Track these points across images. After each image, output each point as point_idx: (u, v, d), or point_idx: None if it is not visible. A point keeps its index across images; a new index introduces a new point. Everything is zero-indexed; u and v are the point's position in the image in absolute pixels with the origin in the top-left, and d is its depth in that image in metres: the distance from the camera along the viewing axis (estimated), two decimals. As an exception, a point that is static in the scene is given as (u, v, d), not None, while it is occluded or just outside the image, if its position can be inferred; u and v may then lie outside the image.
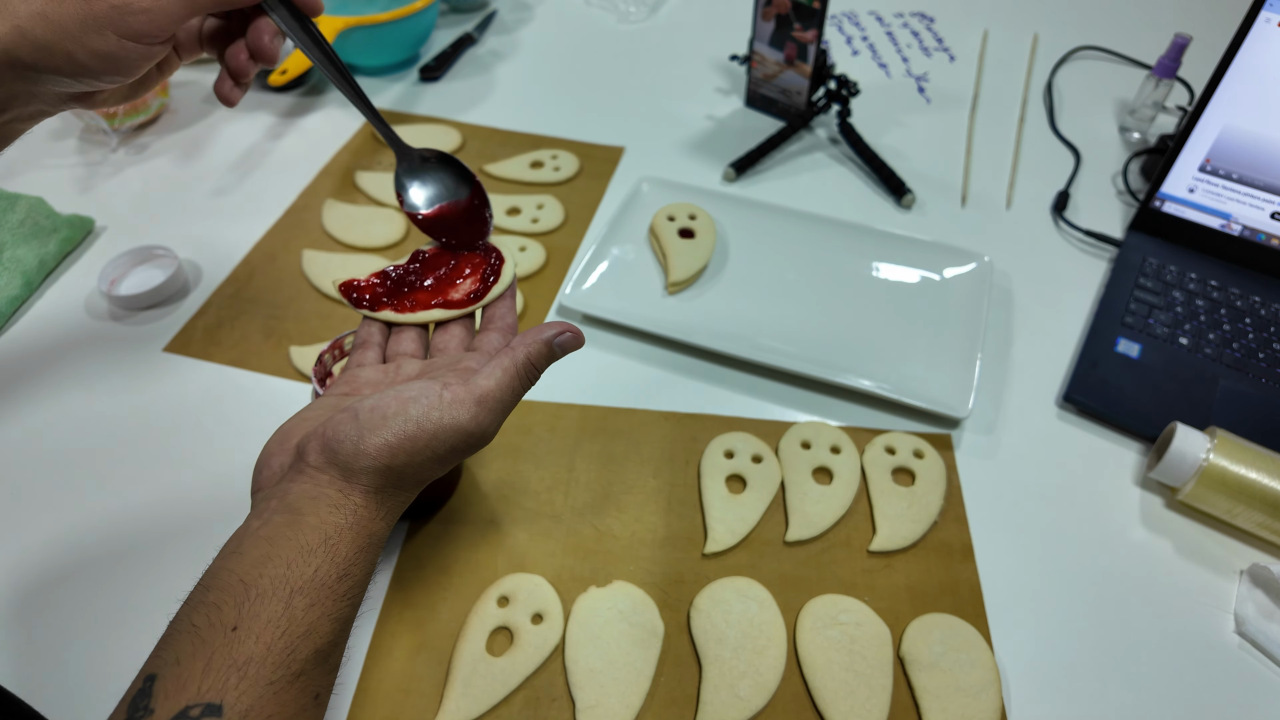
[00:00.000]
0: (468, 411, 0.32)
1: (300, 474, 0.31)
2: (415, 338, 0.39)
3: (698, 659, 0.45)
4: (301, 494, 0.30)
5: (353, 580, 0.29)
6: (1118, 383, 0.58)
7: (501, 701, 0.43)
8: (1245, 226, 0.66)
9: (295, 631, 0.27)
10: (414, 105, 0.86)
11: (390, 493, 0.32)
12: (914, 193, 0.75)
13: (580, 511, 0.51)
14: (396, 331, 0.39)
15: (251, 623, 0.26)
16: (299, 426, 0.33)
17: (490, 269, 0.39)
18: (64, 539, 0.49)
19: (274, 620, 0.27)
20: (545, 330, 0.35)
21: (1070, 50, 0.96)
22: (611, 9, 1.03)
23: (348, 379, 0.37)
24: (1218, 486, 0.49)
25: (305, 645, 0.27)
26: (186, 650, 0.26)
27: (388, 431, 0.31)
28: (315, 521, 0.29)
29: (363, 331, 0.39)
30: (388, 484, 0.31)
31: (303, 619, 0.27)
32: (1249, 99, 0.63)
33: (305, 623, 0.27)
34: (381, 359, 0.39)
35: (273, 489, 0.32)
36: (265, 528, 0.29)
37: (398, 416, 0.31)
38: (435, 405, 0.31)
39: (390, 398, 0.32)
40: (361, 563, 0.30)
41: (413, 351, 0.39)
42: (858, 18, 1.02)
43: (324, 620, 0.28)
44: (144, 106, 0.79)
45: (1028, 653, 0.46)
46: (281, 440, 0.33)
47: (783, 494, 0.52)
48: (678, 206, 0.70)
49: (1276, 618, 0.47)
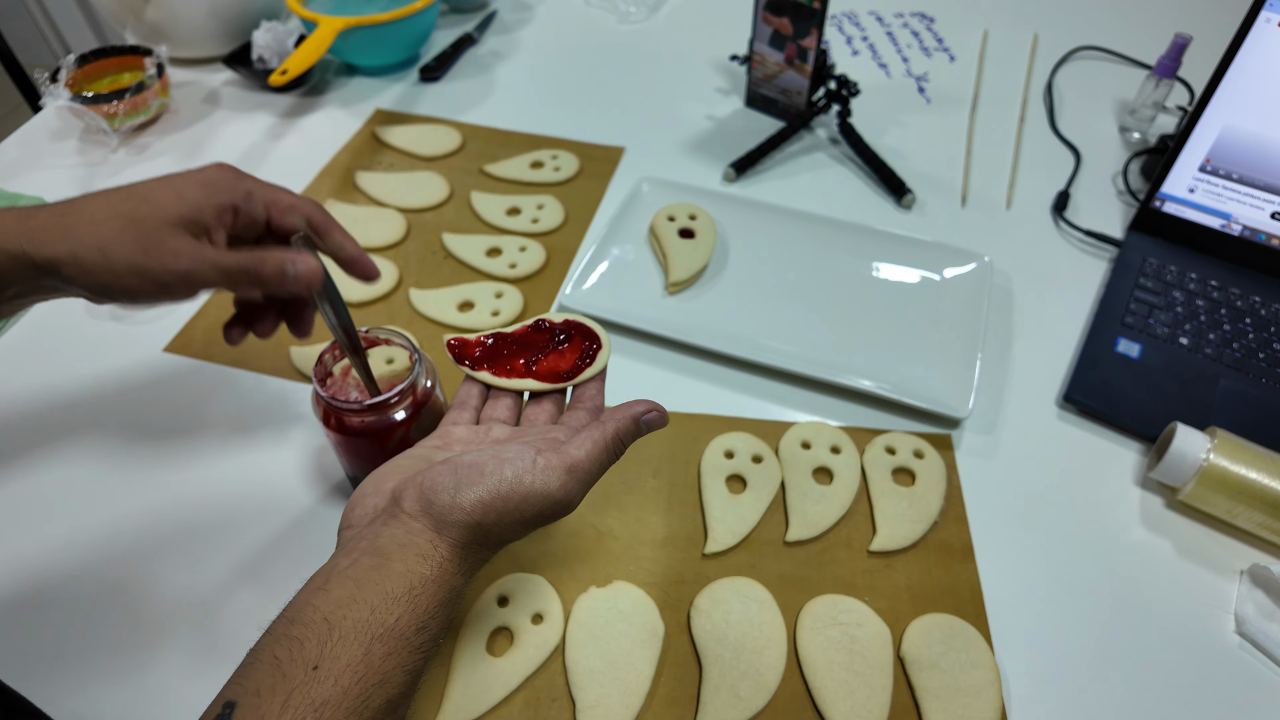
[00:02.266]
0: (558, 479, 0.33)
1: (394, 518, 0.32)
2: (510, 405, 0.41)
3: (698, 659, 0.45)
4: (392, 539, 0.31)
5: (429, 634, 0.30)
6: (1118, 383, 0.58)
7: (502, 701, 0.43)
8: (1245, 226, 0.66)
9: (371, 679, 0.27)
10: (414, 105, 0.86)
11: (474, 549, 0.33)
12: (914, 193, 0.75)
13: (580, 511, 0.51)
14: (494, 397, 0.41)
15: (332, 664, 0.27)
16: (394, 473, 0.35)
17: (587, 350, 0.41)
18: (64, 539, 0.49)
19: (353, 665, 0.27)
20: (634, 407, 0.37)
21: (1070, 50, 0.96)
22: (611, 9, 1.03)
23: (441, 434, 0.39)
24: (1218, 486, 0.49)
25: (379, 694, 0.28)
26: (267, 683, 0.27)
27: (483, 488, 0.32)
28: (402, 569, 0.30)
29: (462, 392, 0.41)
30: (474, 540, 0.32)
31: (379, 667, 0.28)
32: (1249, 99, 0.63)
33: (381, 671, 0.28)
34: (475, 420, 0.41)
35: (363, 529, 0.33)
36: (353, 568, 0.30)
37: (494, 475, 0.33)
38: (529, 469, 0.33)
39: (488, 456, 0.33)
40: (440, 617, 0.31)
41: (505, 418, 0.41)
42: (858, 18, 1.02)
43: (398, 671, 0.28)
44: (144, 106, 0.79)
45: (1028, 653, 0.46)
46: (377, 483, 0.35)
47: (783, 494, 0.52)
48: (678, 206, 0.70)
49: (1277, 618, 0.47)
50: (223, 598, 0.47)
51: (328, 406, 0.44)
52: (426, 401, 0.46)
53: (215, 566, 0.48)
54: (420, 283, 0.66)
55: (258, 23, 0.88)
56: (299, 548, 0.49)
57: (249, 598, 0.47)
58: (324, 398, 0.44)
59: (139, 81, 0.77)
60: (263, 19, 0.88)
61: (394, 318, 0.64)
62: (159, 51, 0.81)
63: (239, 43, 0.88)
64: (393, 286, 0.65)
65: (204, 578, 0.48)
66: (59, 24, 2.00)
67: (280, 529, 0.50)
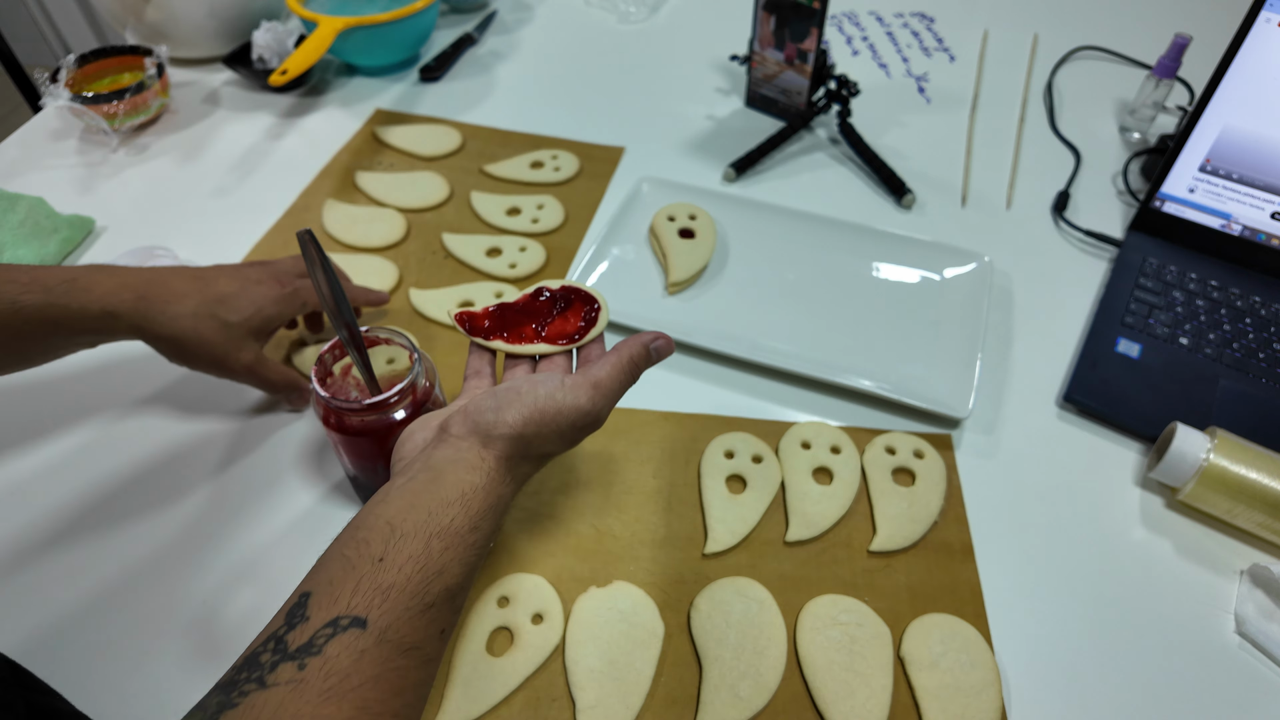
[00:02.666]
0: (586, 394, 0.37)
1: (443, 442, 0.36)
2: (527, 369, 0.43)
3: (698, 659, 0.45)
4: (444, 457, 0.35)
5: (481, 533, 0.34)
6: (1118, 383, 0.58)
7: (502, 701, 0.43)
8: (1245, 226, 0.66)
9: (430, 569, 0.31)
10: (414, 105, 0.86)
11: (518, 461, 0.37)
12: (914, 193, 0.75)
13: (580, 511, 0.51)
14: (509, 365, 0.43)
15: (395, 557, 0.31)
16: (437, 415, 0.39)
17: (588, 313, 0.44)
18: (65, 539, 0.49)
19: (414, 557, 0.31)
20: (643, 337, 0.41)
21: (1070, 50, 0.96)
22: (611, 9, 1.04)
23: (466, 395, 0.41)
24: (1218, 486, 0.49)
25: (438, 582, 0.31)
26: (338, 575, 0.30)
27: (521, 405, 0.37)
28: (454, 479, 0.34)
29: (474, 361, 0.43)
30: (518, 452, 0.36)
31: (438, 560, 0.31)
32: (1249, 99, 0.63)
33: (440, 563, 0.31)
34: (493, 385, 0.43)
35: (415, 457, 0.37)
36: (410, 483, 0.34)
37: (529, 395, 0.37)
38: (560, 388, 0.37)
39: (521, 381, 0.38)
40: (490, 519, 0.35)
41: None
42: (858, 18, 1.02)
43: (455, 564, 0.32)
44: (144, 106, 0.79)
45: (1028, 653, 0.46)
46: (423, 423, 0.39)
47: (783, 494, 0.52)
48: (678, 206, 0.70)
49: (1277, 618, 0.47)
50: (223, 597, 0.47)
51: (328, 406, 0.44)
52: (426, 401, 0.46)
53: (215, 566, 0.48)
54: (420, 283, 0.66)
55: (258, 23, 0.88)
56: (299, 548, 0.49)
57: (249, 597, 0.47)
58: (324, 397, 0.44)
59: (139, 81, 0.77)
60: (263, 19, 0.88)
61: (394, 318, 0.64)
62: (159, 51, 0.81)
63: (239, 43, 0.88)
64: (393, 286, 0.65)
65: (204, 577, 0.48)
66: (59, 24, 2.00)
67: (280, 529, 0.50)
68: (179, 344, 0.48)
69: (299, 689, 0.27)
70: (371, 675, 0.28)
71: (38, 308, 0.44)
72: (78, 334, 0.47)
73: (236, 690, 0.27)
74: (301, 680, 0.27)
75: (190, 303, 0.48)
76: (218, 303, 0.49)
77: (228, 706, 0.26)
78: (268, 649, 0.28)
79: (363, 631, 0.28)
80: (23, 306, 0.44)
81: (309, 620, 0.29)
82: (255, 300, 0.50)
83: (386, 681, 0.28)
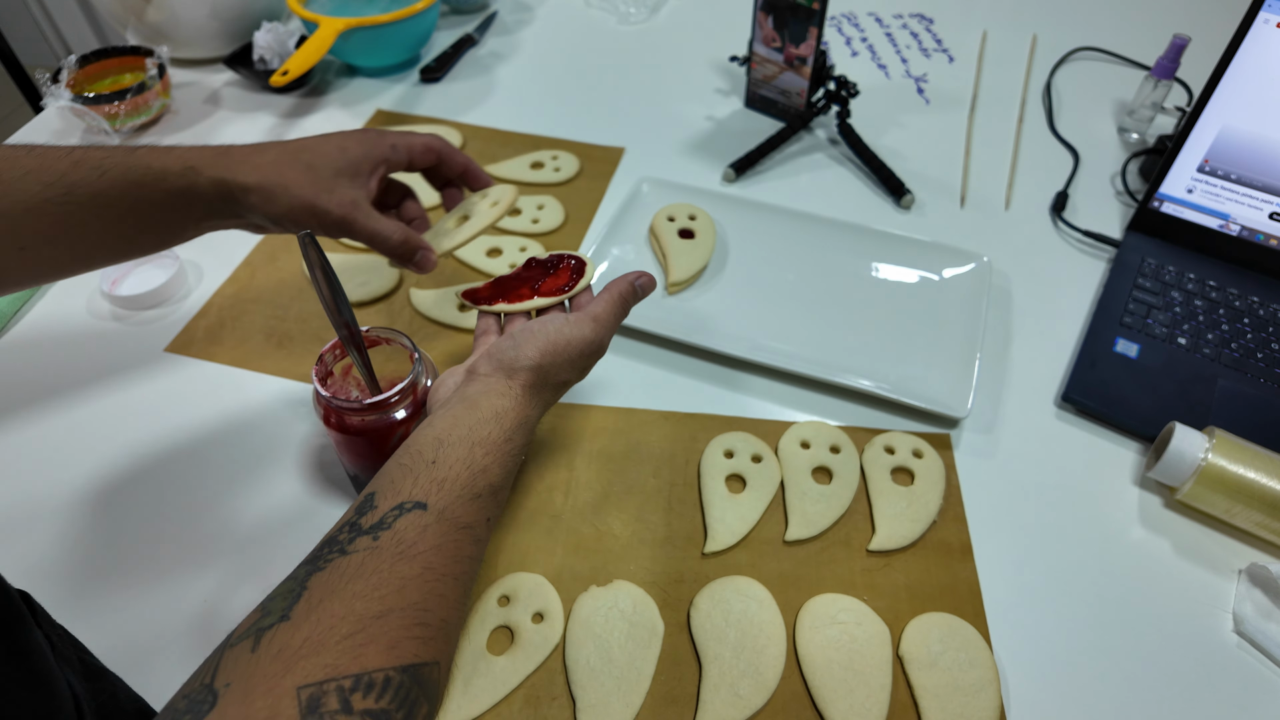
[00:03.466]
0: (589, 326, 0.44)
1: (472, 381, 0.42)
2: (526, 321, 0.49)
3: (698, 658, 0.45)
4: (476, 390, 0.41)
5: (515, 444, 0.40)
6: (1116, 383, 0.58)
7: (502, 700, 0.43)
8: (1244, 227, 0.67)
9: (475, 468, 0.37)
10: (415, 106, 0.86)
11: (539, 389, 0.43)
12: (913, 193, 0.75)
13: (580, 511, 0.51)
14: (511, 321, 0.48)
15: (445, 459, 0.37)
16: (463, 364, 0.44)
17: (577, 268, 0.50)
18: (65, 540, 0.49)
19: (461, 459, 0.37)
20: (627, 276, 0.47)
21: (1069, 51, 0.96)
22: (611, 10, 1.04)
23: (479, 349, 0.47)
24: (1216, 486, 0.49)
25: (482, 479, 0.37)
26: (397, 476, 0.36)
27: (537, 341, 0.43)
28: (487, 404, 0.40)
29: (481, 323, 0.49)
30: (539, 380, 0.42)
31: (481, 462, 0.37)
32: (1248, 100, 0.64)
33: (483, 464, 0.37)
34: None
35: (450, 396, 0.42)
36: (449, 411, 0.39)
37: (541, 332, 0.43)
38: (566, 323, 0.44)
39: (532, 322, 0.45)
40: (521, 433, 0.40)
41: None
42: (857, 19, 1.03)
43: (495, 465, 0.38)
44: (145, 107, 0.79)
45: (1026, 652, 0.46)
46: (451, 372, 0.44)
47: (782, 493, 0.53)
48: (678, 207, 0.70)
49: (1275, 617, 0.47)
50: (223, 597, 0.47)
51: (328, 406, 0.44)
52: (427, 401, 0.46)
53: (215, 565, 0.48)
54: (420, 283, 0.66)
55: (259, 23, 0.88)
56: (299, 547, 0.49)
57: (249, 597, 0.47)
58: (324, 397, 0.44)
59: (140, 82, 0.78)
60: (264, 20, 0.88)
61: (394, 318, 0.64)
62: (160, 52, 0.81)
63: (240, 43, 0.89)
64: (393, 286, 0.66)
65: (204, 577, 0.48)
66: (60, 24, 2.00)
67: (280, 529, 0.50)
68: (267, 192, 0.46)
69: (375, 553, 0.32)
70: (434, 544, 0.33)
71: (122, 170, 0.44)
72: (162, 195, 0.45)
73: (321, 560, 0.32)
74: (377, 547, 0.32)
75: (271, 152, 0.47)
76: (299, 150, 0.48)
77: (315, 570, 0.32)
78: (343, 531, 0.34)
79: (424, 512, 0.34)
80: (108, 169, 0.44)
81: (377, 508, 0.34)
82: (337, 142, 0.49)
83: (446, 550, 0.34)
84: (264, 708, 0.26)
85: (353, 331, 0.44)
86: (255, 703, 0.26)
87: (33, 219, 0.42)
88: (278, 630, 0.29)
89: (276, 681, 0.27)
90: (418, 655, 0.30)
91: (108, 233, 0.45)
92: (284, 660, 0.28)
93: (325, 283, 0.42)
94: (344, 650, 0.28)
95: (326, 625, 0.29)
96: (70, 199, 0.42)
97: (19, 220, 0.42)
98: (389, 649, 0.29)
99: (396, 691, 0.29)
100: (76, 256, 0.46)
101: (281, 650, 0.28)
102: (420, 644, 0.31)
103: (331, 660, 0.28)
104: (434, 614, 0.32)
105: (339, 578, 0.31)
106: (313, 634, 0.29)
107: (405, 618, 0.31)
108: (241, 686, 0.27)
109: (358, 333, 0.45)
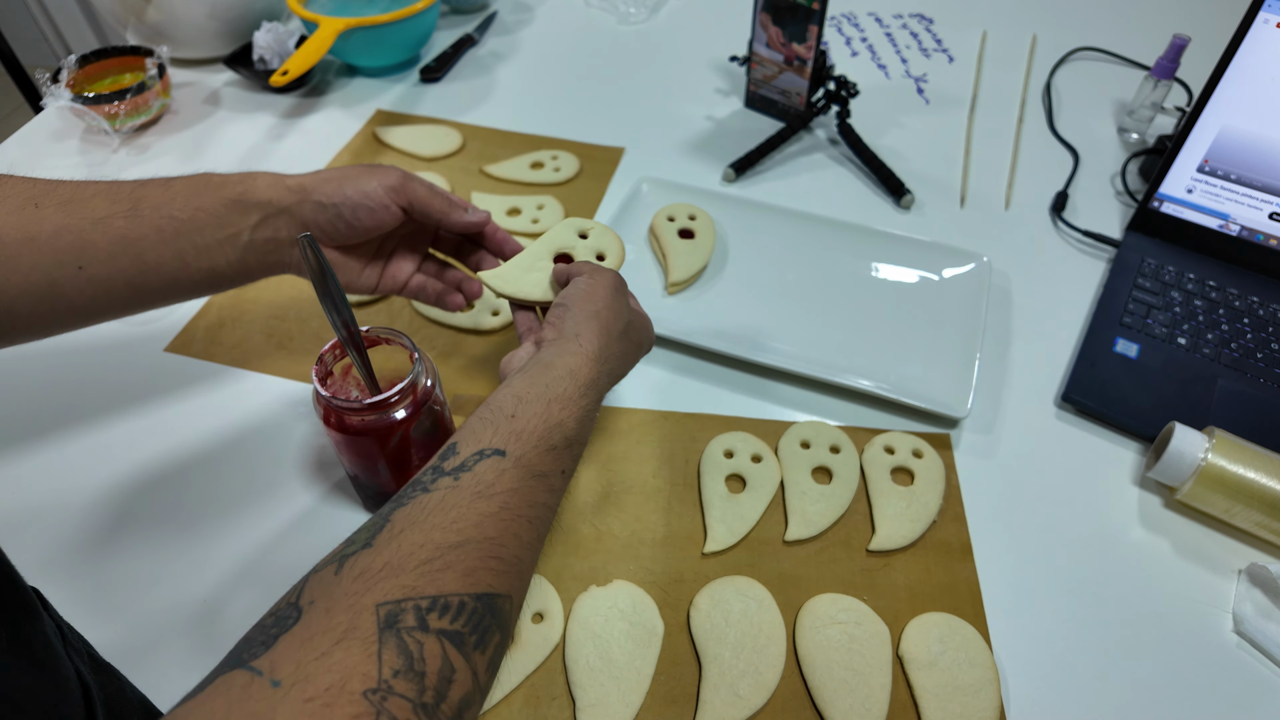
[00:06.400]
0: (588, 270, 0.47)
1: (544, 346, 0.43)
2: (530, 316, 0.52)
3: (698, 658, 0.45)
4: (548, 354, 0.42)
5: (589, 399, 0.41)
6: (1116, 383, 0.58)
7: (502, 700, 0.43)
8: (1243, 227, 0.67)
9: (552, 422, 0.38)
10: (414, 106, 0.86)
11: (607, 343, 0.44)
12: (913, 193, 0.75)
13: (580, 511, 0.51)
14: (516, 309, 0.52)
15: (523, 413, 0.38)
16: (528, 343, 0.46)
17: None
18: (65, 539, 0.49)
19: (538, 413, 0.38)
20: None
21: (1069, 51, 0.96)
22: (611, 10, 1.04)
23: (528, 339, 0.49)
24: (1216, 486, 0.49)
25: (558, 432, 0.38)
26: (478, 428, 0.37)
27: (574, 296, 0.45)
28: (560, 364, 0.41)
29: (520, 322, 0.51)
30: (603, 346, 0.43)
31: (557, 416, 0.38)
32: (1247, 100, 0.64)
33: (559, 418, 0.38)
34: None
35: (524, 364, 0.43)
36: (526, 373, 0.41)
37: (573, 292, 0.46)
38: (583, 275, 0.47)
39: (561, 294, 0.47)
40: (594, 390, 0.41)
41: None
42: (857, 19, 1.03)
43: (570, 419, 0.39)
44: (145, 107, 0.79)
45: (1026, 651, 0.46)
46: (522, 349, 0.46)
47: (782, 493, 0.53)
48: (677, 207, 0.70)
49: (1274, 617, 0.47)
50: (223, 597, 0.47)
51: (328, 405, 0.44)
52: (427, 401, 0.46)
53: (215, 566, 0.48)
54: (420, 283, 0.66)
55: (258, 23, 0.88)
56: (299, 547, 0.50)
57: (249, 597, 0.47)
58: (324, 396, 0.44)
59: (140, 82, 0.78)
60: (263, 20, 0.88)
61: (394, 318, 0.64)
62: (160, 52, 0.81)
63: (240, 43, 0.89)
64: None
65: (204, 577, 0.48)
66: (60, 24, 2.00)
67: (280, 529, 0.50)
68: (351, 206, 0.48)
69: (456, 490, 0.34)
70: (511, 486, 0.35)
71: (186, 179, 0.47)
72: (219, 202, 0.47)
73: (404, 498, 0.34)
74: (457, 486, 0.34)
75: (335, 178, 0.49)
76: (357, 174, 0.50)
77: (399, 506, 0.33)
78: (426, 474, 0.35)
79: (502, 458, 0.36)
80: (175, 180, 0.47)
81: (458, 454, 0.36)
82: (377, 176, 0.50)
83: (522, 494, 0.35)
84: (344, 621, 0.28)
85: (352, 332, 0.44)
86: (337, 617, 0.28)
87: (100, 230, 0.43)
88: (360, 556, 0.31)
89: (357, 599, 0.29)
90: (492, 585, 0.32)
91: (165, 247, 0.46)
92: (365, 581, 0.29)
93: (325, 283, 0.42)
94: (422, 574, 0.30)
95: (406, 551, 0.31)
96: (136, 212, 0.45)
97: (85, 233, 0.43)
98: (465, 575, 0.31)
99: (471, 616, 0.30)
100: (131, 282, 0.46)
101: (363, 573, 0.30)
102: (495, 575, 0.32)
103: (410, 582, 0.29)
104: (509, 550, 0.34)
105: (420, 511, 0.33)
106: (393, 559, 0.30)
107: (481, 549, 0.32)
108: (324, 604, 0.29)
109: (357, 333, 0.45)
